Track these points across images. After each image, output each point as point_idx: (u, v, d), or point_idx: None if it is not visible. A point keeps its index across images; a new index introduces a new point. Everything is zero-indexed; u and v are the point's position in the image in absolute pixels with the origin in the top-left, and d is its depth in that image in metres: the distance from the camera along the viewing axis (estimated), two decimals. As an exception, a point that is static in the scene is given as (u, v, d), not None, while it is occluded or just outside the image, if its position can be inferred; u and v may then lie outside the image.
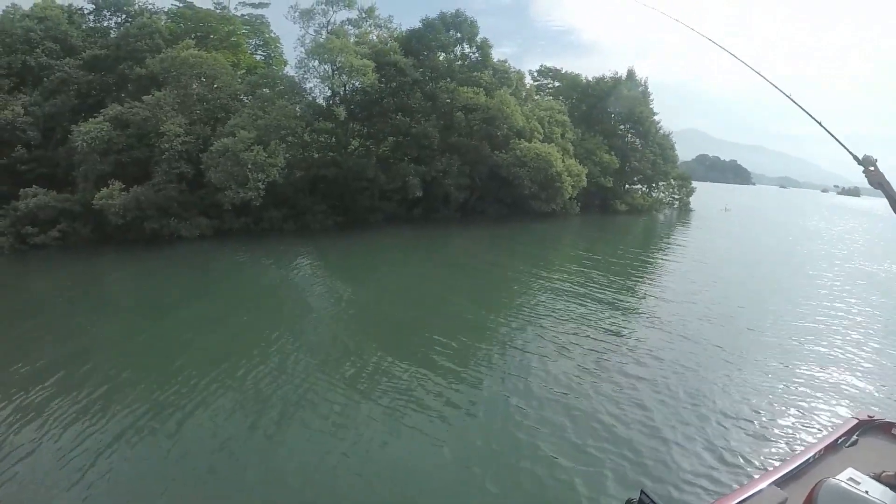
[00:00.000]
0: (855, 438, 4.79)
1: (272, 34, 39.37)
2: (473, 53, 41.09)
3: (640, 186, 58.14)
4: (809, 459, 4.43)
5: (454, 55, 40.51)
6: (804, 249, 34.02)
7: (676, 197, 60.87)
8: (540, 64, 79.72)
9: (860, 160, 4.47)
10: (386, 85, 34.79)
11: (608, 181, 48.58)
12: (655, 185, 59.02)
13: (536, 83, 57.02)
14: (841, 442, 4.72)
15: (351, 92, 35.13)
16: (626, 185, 55.39)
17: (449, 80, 38.33)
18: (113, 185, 24.34)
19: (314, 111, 34.02)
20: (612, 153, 49.34)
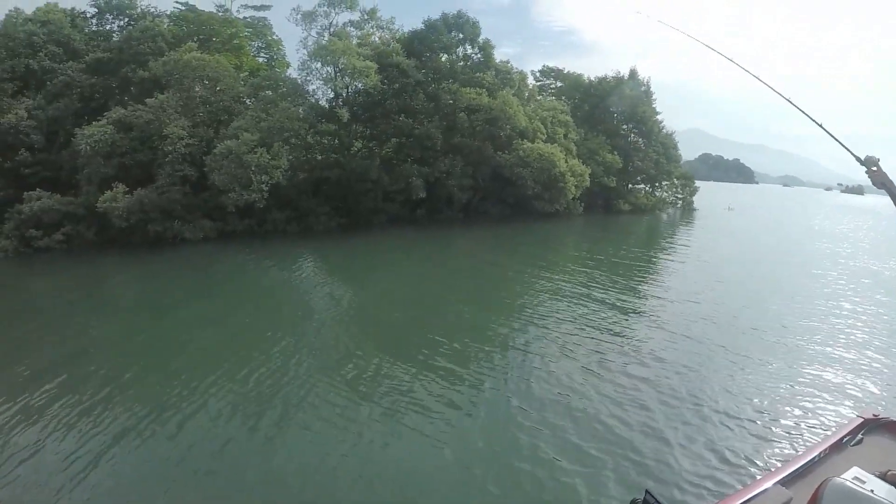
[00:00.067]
0: (860, 437, 4.75)
1: (274, 36, 39.58)
2: (476, 54, 41.08)
3: (643, 186, 57.99)
4: (814, 458, 4.39)
5: (456, 56, 40.49)
6: (808, 248, 33.79)
7: (680, 196, 60.69)
8: (542, 64, 79.80)
9: (862, 161, 4.44)
10: (388, 86, 34.77)
11: (611, 181, 48.48)
12: (659, 184, 58.86)
13: (539, 83, 56.94)
14: (846, 441, 4.68)
15: (353, 93, 35.20)
16: (629, 184, 55.23)
17: (451, 80, 38.37)
18: (116, 187, 24.42)
19: (317, 113, 34.08)
20: (615, 153, 49.23)
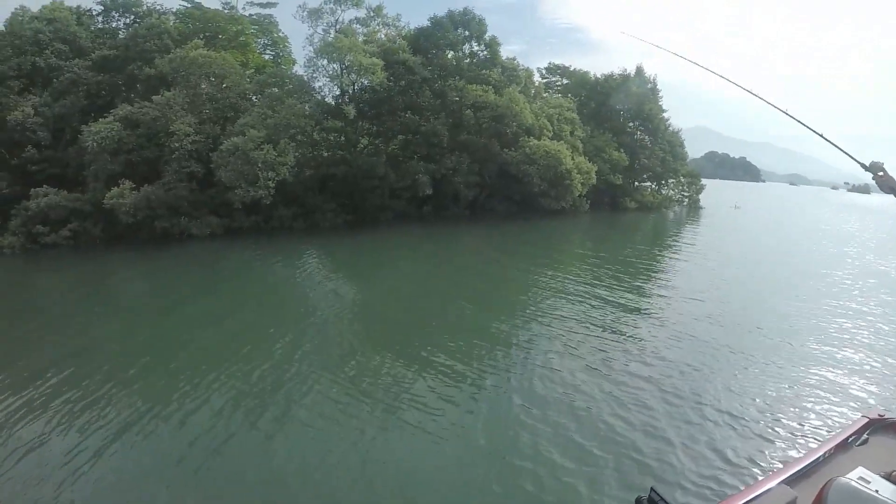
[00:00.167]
0: (865, 437, 4.76)
1: (280, 34, 39.35)
2: (482, 51, 40.89)
3: (649, 184, 57.75)
4: (819, 458, 4.41)
5: (463, 53, 40.30)
6: (814, 247, 33.42)
7: (686, 194, 60.27)
8: (548, 62, 79.67)
9: (867, 167, 4.45)
10: (395, 83, 34.64)
11: (617, 178, 48.29)
12: (665, 182, 58.54)
13: (545, 81, 56.64)
14: (851, 441, 4.69)
15: (360, 90, 35.05)
16: (635, 182, 55.02)
17: (458, 78, 38.20)
18: (123, 184, 24.40)
19: (323, 110, 33.94)
20: (621, 150, 49.06)
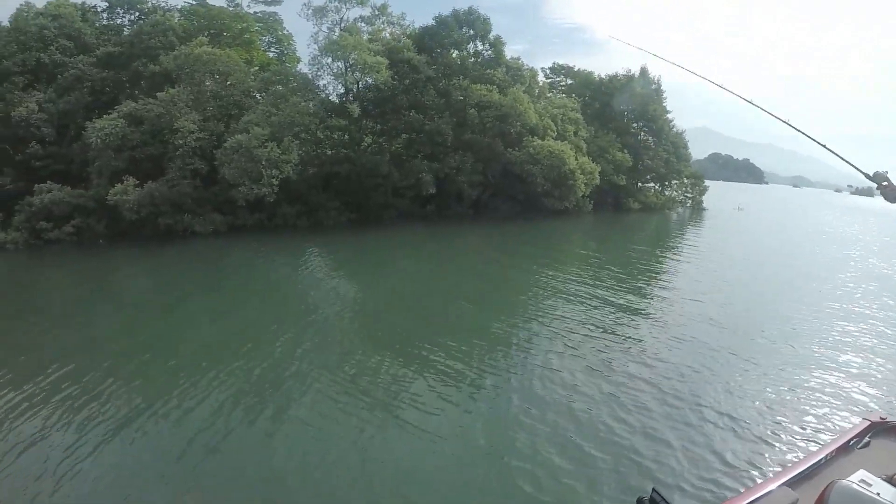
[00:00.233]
0: (867, 440, 4.79)
1: (285, 31, 39.28)
2: (486, 51, 40.89)
3: (652, 185, 57.42)
4: (821, 461, 4.41)
5: (467, 52, 40.27)
6: (817, 250, 33.19)
7: (689, 195, 60.00)
8: (552, 61, 79.59)
9: (872, 177, 4.48)
10: (399, 82, 34.55)
11: (621, 179, 48.10)
12: (668, 183, 58.24)
13: (549, 81, 56.46)
14: (853, 444, 4.70)
15: (364, 89, 34.99)
16: (639, 183, 54.74)
17: (462, 77, 38.13)
18: (127, 181, 24.38)
19: (327, 108, 33.90)
20: (624, 151, 48.84)
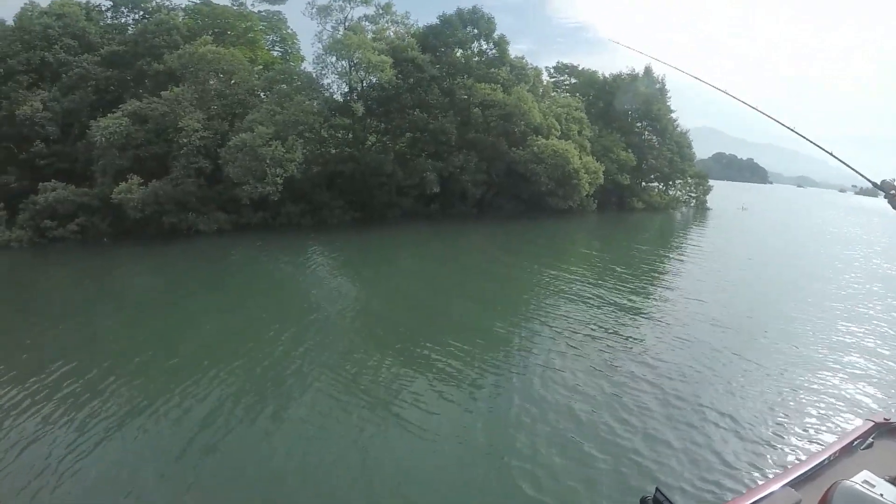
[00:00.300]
0: (870, 441, 4.72)
1: (289, 30, 39.20)
2: (490, 50, 40.68)
3: (656, 184, 57.29)
4: (824, 461, 4.37)
5: (471, 51, 40.08)
6: (821, 251, 33.01)
7: (693, 195, 59.76)
8: (556, 60, 79.34)
9: (880, 186, 4.47)
10: (403, 81, 34.46)
11: (625, 179, 47.98)
12: (672, 182, 58.04)
13: (553, 80, 56.18)
14: (856, 444, 4.65)
15: (368, 88, 34.92)
16: (642, 182, 54.57)
17: (466, 76, 37.99)
18: (131, 179, 24.38)
19: (331, 107, 33.84)
20: (629, 150, 48.73)
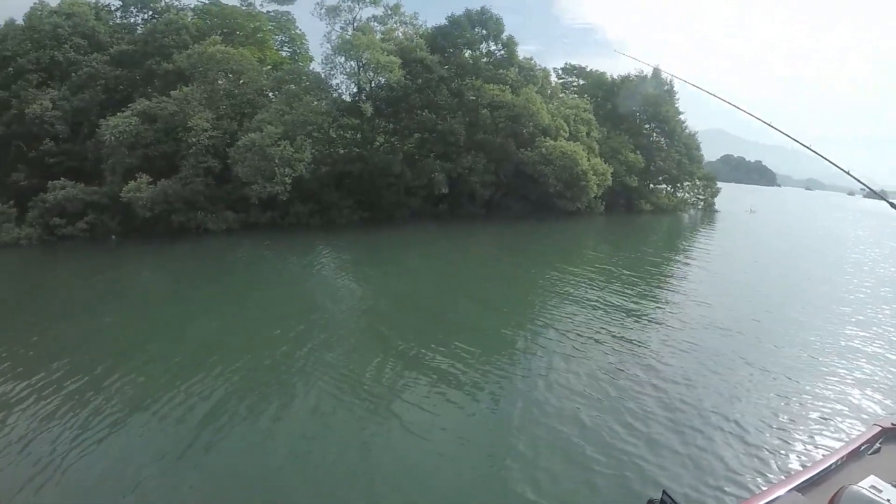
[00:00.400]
0: (877, 446, 4.71)
1: (298, 31, 39.32)
2: (499, 51, 40.62)
3: (665, 186, 56.77)
4: (831, 466, 4.39)
5: (480, 52, 40.01)
6: (829, 254, 32.48)
7: (701, 197, 59.25)
8: (564, 62, 79.19)
9: (886, 198, 4.68)
10: (412, 82, 34.42)
11: (633, 180, 47.67)
12: (680, 185, 57.58)
13: (561, 81, 56.07)
14: (863, 449, 4.65)
15: (377, 88, 34.87)
16: (651, 184, 54.19)
17: (475, 77, 37.91)
18: (140, 178, 24.36)
19: (340, 107, 33.78)
20: (637, 152, 48.42)
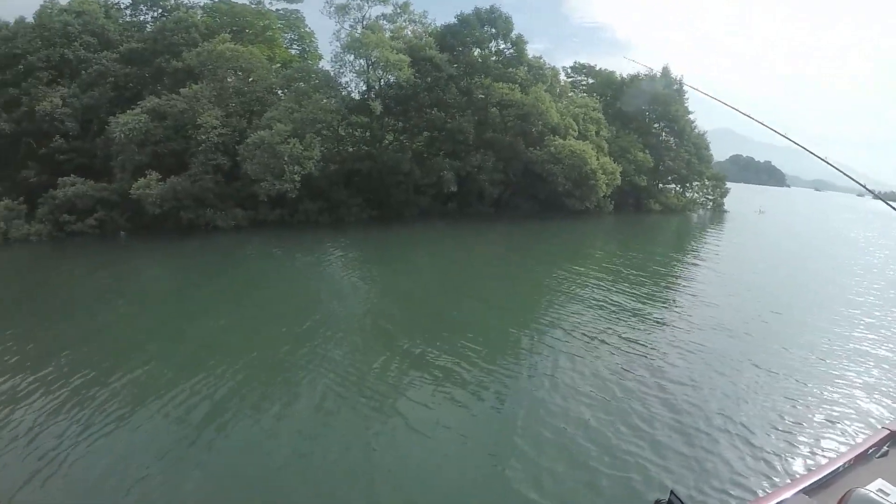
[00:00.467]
0: (885, 449, 4.56)
1: (307, 29, 39.35)
2: (508, 49, 40.39)
3: (674, 186, 56.34)
4: (838, 469, 4.27)
5: (489, 51, 39.85)
6: (839, 256, 32.10)
7: (710, 197, 58.77)
8: (573, 60, 79.00)
9: (886, 200, 4.88)
10: (421, 80, 34.28)
11: (642, 180, 47.34)
12: (689, 184, 57.12)
13: (570, 80, 55.75)
14: (871, 452, 4.54)
15: (386, 86, 34.77)
16: (660, 184, 53.81)
17: (484, 75, 37.69)
18: (150, 175, 24.34)
19: (349, 105, 33.72)
20: (646, 152, 48.04)
